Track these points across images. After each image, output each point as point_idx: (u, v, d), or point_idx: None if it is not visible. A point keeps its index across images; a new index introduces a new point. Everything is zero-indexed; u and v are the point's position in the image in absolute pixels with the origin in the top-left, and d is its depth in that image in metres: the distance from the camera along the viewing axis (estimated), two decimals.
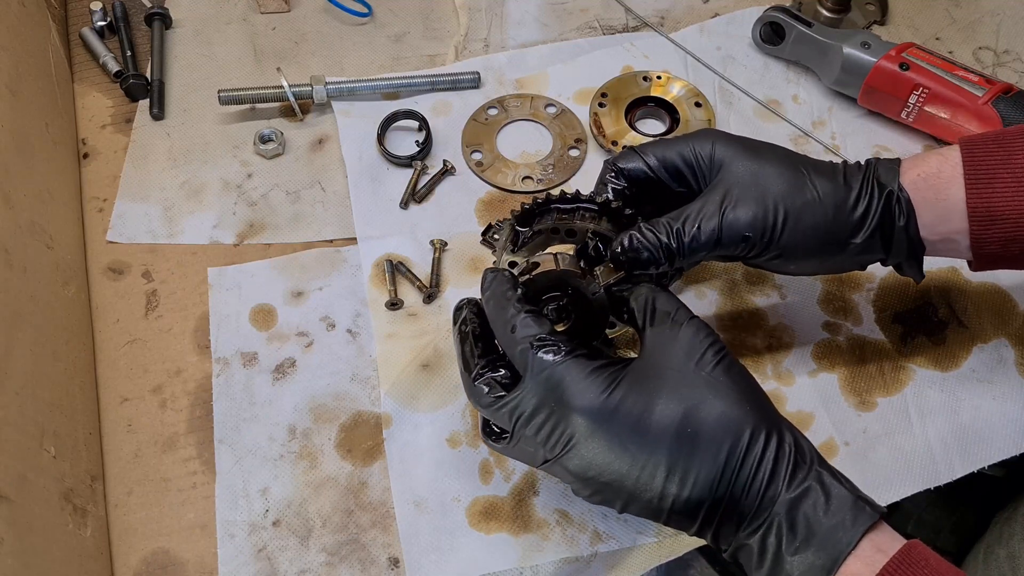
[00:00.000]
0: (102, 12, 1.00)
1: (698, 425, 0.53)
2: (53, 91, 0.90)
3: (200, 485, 0.72)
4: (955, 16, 1.04)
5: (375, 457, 0.73)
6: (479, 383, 0.60)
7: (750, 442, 0.53)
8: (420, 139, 0.91)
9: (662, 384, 0.55)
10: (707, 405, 0.54)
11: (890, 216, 0.63)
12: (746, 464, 0.52)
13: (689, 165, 0.67)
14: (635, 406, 0.54)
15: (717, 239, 0.63)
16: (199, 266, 0.83)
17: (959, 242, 0.64)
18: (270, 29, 1.02)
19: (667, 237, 0.63)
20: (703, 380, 0.55)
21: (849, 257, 0.65)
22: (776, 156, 0.65)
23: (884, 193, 0.63)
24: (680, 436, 0.53)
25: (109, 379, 0.77)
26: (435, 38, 1.02)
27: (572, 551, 0.69)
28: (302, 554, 0.69)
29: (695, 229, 0.63)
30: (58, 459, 0.65)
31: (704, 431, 0.53)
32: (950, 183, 0.63)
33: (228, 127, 0.94)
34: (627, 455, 0.54)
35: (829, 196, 0.63)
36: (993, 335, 0.80)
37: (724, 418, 0.53)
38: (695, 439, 0.53)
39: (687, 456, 0.53)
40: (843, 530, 0.50)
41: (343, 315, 0.81)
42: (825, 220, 0.63)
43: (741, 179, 0.64)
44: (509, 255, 0.67)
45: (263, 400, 0.76)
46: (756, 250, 0.64)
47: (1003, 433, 0.74)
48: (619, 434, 0.54)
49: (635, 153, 0.68)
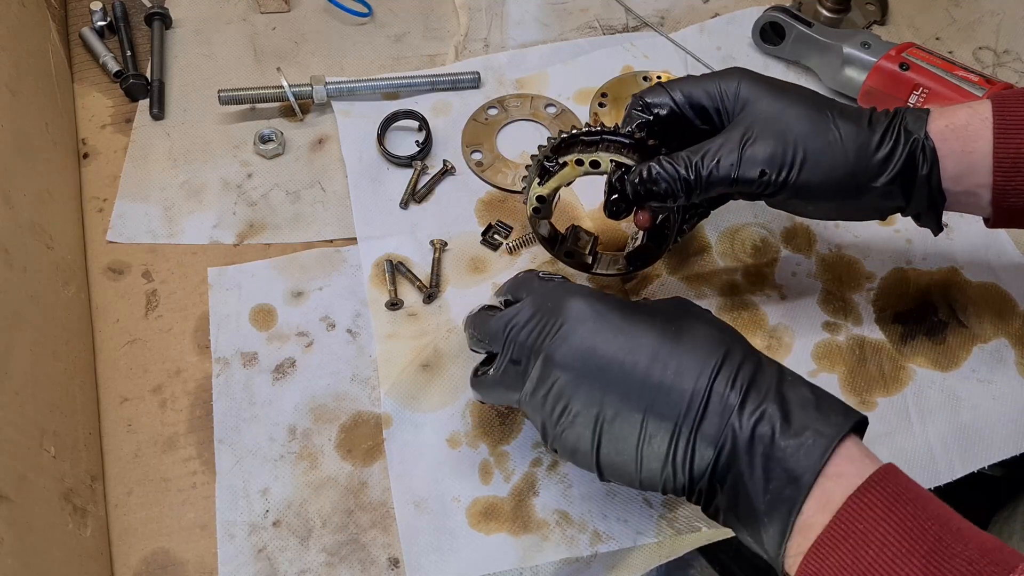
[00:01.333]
0: (102, 12, 1.00)
1: (679, 331, 0.56)
2: (53, 91, 0.90)
3: (200, 485, 0.72)
4: (955, 16, 1.04)
5: (375, 457, 0.73)
6: (480, 311, 0.65)
7: (726, 355, 0.54)
8: (420, 139, 0.91)
9: (648, 307, 0.59)
10: (688, 322, 0.57)
11: (913, 164, 0.63)
12: (722, 374, 0.54)
13: (714, 102, 0.68)
14: (624, 308, 0.58)
15: (735, 174, 0.63)
16: (199, 266, 0.83)
17: (980, 196, 0.64)
18: (270, 29, 1.02)
19: (685, 169, 0.64)
20: (687, 310, 0.59)
21: (868, 202, 0.65)
22: (801, 97, 0.66)
23: (909, 140, 0.63)
24: (664, 332, 0.56)
25: (109, 379, 0.77)
26: (435, 38, 1.02)
27: (572, 551, 0.69)
28: (302, 554, 0.69)
29: (714, 163, 0.64)
30: (58, 459, 0.65)
31: (685, 335, 0.56)
32: (978, 136, 0.62)
33: (228, 127, 0.94)
34: (616, 340, 0.56)
35: (851, 139, 0.63)
36: (993, 335, 0.80)
37: (705, 332, 0.56)
38: (678, 336, 0.56)
39: (671, 345, 0.55)
40: (806, 456, 0.51)
41: (343, 315, 0.81)
42: (845, 162, 0.63)
43: (763, 116, 0.64)
44: (537, 188, 0.72)
45: (263, 400, 0.76)
46: (772, 188, 0.64)
47: (1003, 433, 0.74)
48: (609, 322, 0.57)
49: (662, 88, 0.69)
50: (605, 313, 0.57)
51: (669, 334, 0.56)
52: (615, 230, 0.85)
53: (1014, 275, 0.83)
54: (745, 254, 0.85)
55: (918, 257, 0.85)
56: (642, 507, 0.70)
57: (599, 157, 0.69)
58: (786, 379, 0.55)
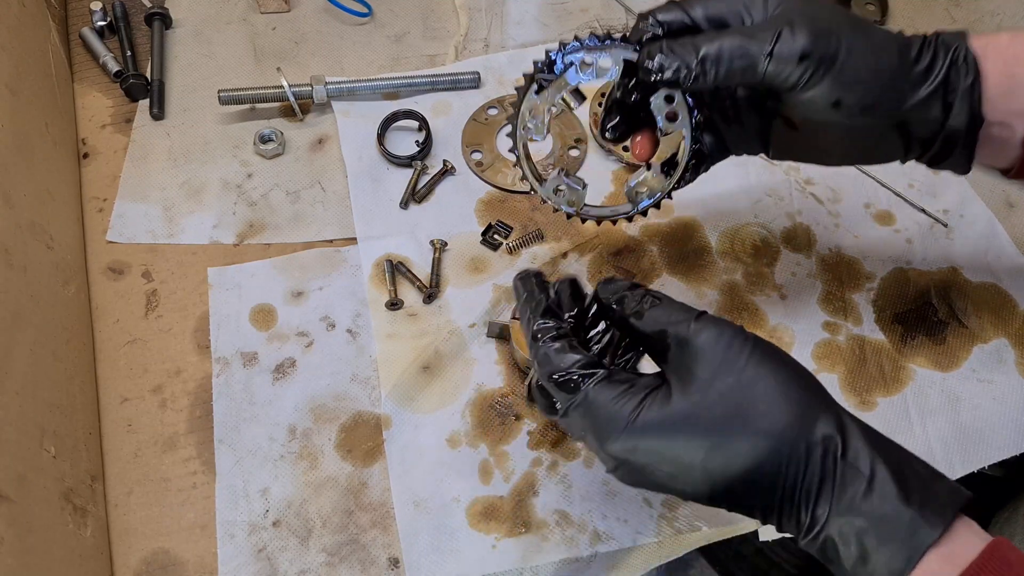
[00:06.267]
0: (102, 12, 1.00)
1: (728, 459, 0.50)
2: (53, 91, 0.90)
3: (200, 485, 0.72)
4: (955, 16, 1.04)
5: (375, 458, 0.73)
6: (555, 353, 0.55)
7: (788, 463, 0.49)
8: (420, 139, 0.91)
9: (687, 417, 0.51)
10: (734, 435, 0.50)
11: (955, 74, 0.58)
12: (786, 484, 0.50)
13: (738, 18, 0.60)
14: (658, 442, 0.52)
15: (770, 47, 0.56)
16: (199, 266, 0.83)
17: (1015, 129, 0.60)
18: (270, 29, 1.02)
19: (714, 44, 0.57)
20: (730, 402, 0.50)
21: (906, 117, 0.60)
22: (837, 6, 0.60)
23: (950, 51, 0.58)
24: (708, 468, 0.51)
25: (109, 379, 0.77)
26: (435, 38, 1.02)
27: (572, 551, 0.69)
28: (302, 554, 0.69)
29: (747, 39, 0.56)
30: (58, 459, 0.65)
31: (733, 463, 0.50)
32: (1019, 59, 0.58)
33: (228, 127, 0.94)
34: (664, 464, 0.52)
35: (892, 42, 0.59)
36: (993, 335, 0.80)
37: (750, 448, 0.50)
38: (725, 467, 0.50)
39: (720, 484, 0.51)
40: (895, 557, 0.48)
41: (343, 315, 0.81)
42: (889, 62, 0.58)
43: (799, 10, 0.58)
44: (532, 100, 0.64)
45: (263, 400, 0.76)
46: (812, 75, 0.57)
47: (1003, 433, 0.74)
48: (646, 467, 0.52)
49: (676, 6, 0.61)
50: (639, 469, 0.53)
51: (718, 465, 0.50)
52: (616, 232, 0.85)
53: (1014, 275, 0.83)
54: (745, 254, 0.85)
55: (918, 257, 0.85)
56: (642, 507, 0.70)
57: (604, 63, 0.61)
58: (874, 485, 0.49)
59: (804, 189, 0.90)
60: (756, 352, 0.52)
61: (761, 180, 0.91)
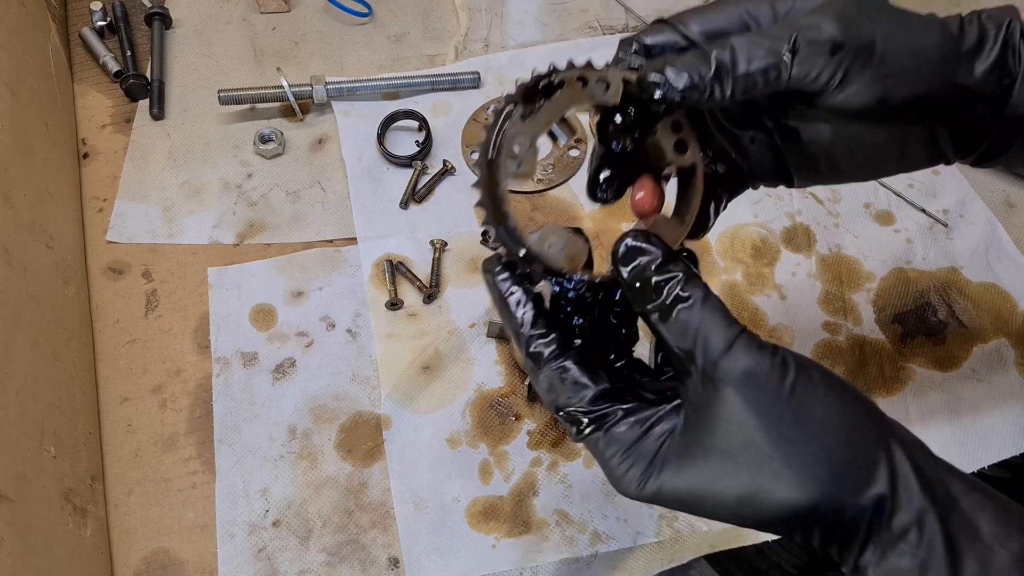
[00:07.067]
0: (102, 12, 1.00)
1: (757, 511, 0.44)
2: (53, 91, 0.90)
3: (200, 485, 0.72)
4: None
5: (375, 458, 0.73)
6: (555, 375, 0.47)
7: (824, 527, 0.43)
8: (420, 139, 0.91)
9: (711, 461, 0.44)
10: (765, 492, 0.43)
11: (1012, 54, 0.49)
12: (825, 536, 0.44)
13: (744, 28, 0.48)
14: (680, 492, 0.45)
15: (791, 46, 0.46)
16: (199, 266, 0.83)
17: None
18: (270, 29, 1.02)
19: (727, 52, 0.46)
20: (761, 458, 0.43)
21: (958, 108, 0.50)
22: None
23: (999, 24, 0.49)
24: (738, 515, 0.45)
25: (109, 379, 0.77)
26: (435, 38, 1.02)
27: (572, 552, 0.69)
28: (302, 554, 0.69)
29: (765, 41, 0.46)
30: (58, 459, 0.65)
31: (764, 517, 0.44)
32: None
33: (228, 127, 0.94)
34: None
35: (933, 23, 0.48)
36: (993, 335, 0.80)
37: (785, 508, 0.43)
38: (755, 519, 0.45)
39: (751, 526, 0.45)
40: None
41: (343, 315, 0.81)
42: (934, 44, 0.48)
43: (820, 4, 0.48)
44: (518, 123, 0.50)
45: (263, 400, 0.76)
46: (849, 70, 0.47)
47: (1003, 433, 0.74)
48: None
49: (668, 25, 0.49)
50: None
51: (746, 518, 0.45)
52: (615, 232, 0.86)
53: (1014, 275, 0.83)
54: (745, 254, 0.85)
55: (918, 257, 0.85)
56: (642, 507, 0.70)
57: (610, 76, 0.47)
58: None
59: (804, 189, 0.90)
60: (795, 396, 0.43)
61: None
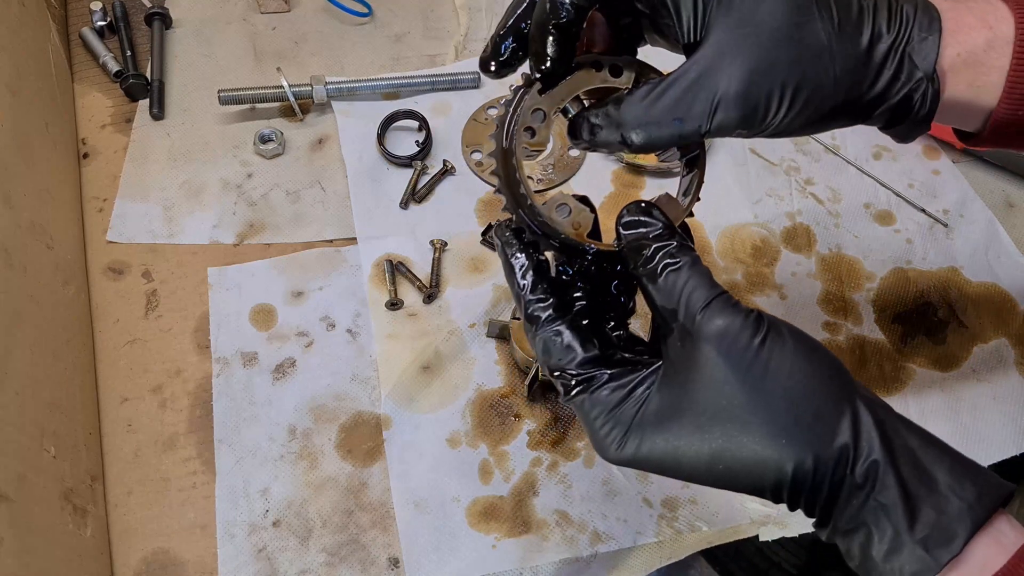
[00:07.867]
0: (102, 12, 1.00)
1: (730, 466, 0.47)
2: (53, 91, 0.90)
3: (200, 485, 0.72)
4: None
5: (375, 458, 0.73)
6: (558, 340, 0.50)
7: (793, 480, 0.46)
8: (420, 139, 0.91)
9: (684, 419, 0.48)
10: (736, 445, 0.46)
11: (909, 105, 0.53)
12: (796, 491, 0.46)
13: None
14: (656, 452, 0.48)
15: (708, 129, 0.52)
16: (199, 266, 0.83)
17: (976, 119, 0.55)
18: (270, 29, 1.02)
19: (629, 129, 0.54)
20: (733, 412, 0.47)
21: (840, 122, 0.54)
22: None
23: (912, 79, 0.52)
24: (712, 472, 0.48)
25: (109, 379, 0.77)
26: (435, 38, 1.02)
27: (572, 552, 0.69)
28: (302, 554, 0.69)
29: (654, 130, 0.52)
30: (58, 459, 0.65)
31: (737, 471, 0.47)
32: (992, 68, 0.53)
33: (228, 127, 0.94)
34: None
35: (847, 75, 0.51)
36: (993, 335, 0.80)
37: (755, 461, 0.46)
38: (729, 475, 0.47)
39: (725, 485, 0.48)
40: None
41: (343, 315, 0.81)
42: (834, 102, 0.52)
43: (730, 39, 0.51)
44: (537, 98, 0.56)
45: (263, 400, 0.76)
46: (765, 118, 0.52)
47: (1003, 433, 0.74)
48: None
49: None
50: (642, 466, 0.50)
51: (718, 476, 0.47)
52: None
53: (1014, 275, 0.83)
54: (745, 254, 0.85)
55: (918, 257, 0.85)
56: (642, 507, 0.70)
57: (621, 62, 0.54)
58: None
59: (804, 189, 0.90)
60: (764, 349, 0.48)
61: (761, 180, 0.91)
